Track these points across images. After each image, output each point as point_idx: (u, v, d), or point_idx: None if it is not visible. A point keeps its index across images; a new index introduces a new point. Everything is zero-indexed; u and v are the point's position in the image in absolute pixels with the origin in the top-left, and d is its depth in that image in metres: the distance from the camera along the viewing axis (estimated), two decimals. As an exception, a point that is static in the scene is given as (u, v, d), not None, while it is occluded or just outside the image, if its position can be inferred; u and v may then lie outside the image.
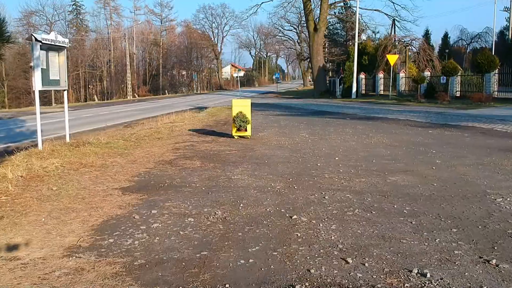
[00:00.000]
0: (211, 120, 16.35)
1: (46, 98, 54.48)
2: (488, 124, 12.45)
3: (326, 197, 4.55)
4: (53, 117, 23.32)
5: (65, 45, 9.07)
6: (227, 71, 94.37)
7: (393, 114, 17.18)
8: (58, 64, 9.15)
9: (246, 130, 10.12)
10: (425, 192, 4.77)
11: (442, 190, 4.83)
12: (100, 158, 7.22)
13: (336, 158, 6.94)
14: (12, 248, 3.19)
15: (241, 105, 10.18)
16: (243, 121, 9.91)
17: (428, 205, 4.26)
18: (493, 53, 28.05)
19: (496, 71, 22.95)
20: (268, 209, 4.17)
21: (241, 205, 4.33)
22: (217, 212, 4.08)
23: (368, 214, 3.97)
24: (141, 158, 7.22)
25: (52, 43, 8.58)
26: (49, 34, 8.87)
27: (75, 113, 26.36)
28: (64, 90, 9.56)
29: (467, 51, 45.51)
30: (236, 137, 10.25)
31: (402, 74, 30.51)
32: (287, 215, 3.99)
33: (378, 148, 8.10)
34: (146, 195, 4.77)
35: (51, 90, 52.90)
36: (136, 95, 55.48)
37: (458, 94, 25.05)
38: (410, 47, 34.09)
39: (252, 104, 25.17)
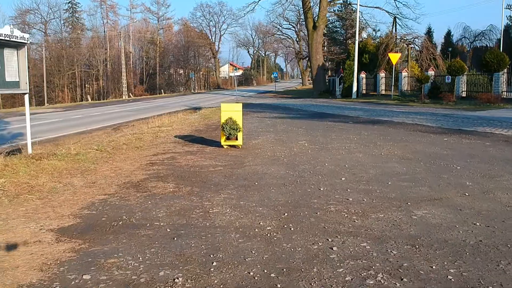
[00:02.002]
0: (202, 124, 15.07)
1: (41, 98, 53.27)
2: (507, 129, 11.20)
3: (334, 249, 3.28)
4: (41, 118, 22.26)
5: (25, 41, 7.77)
6: (225, 70, 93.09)
7: (399, 116, 15.93)
8: (17, 64, 7.86)
9: (236, 139, 8.84)
10: (469, 238, 3.50)
11: (491, 235, 3.56)
12: (55, 178, 5.94)
13: (343, 179, 5.66)
14: None
15: (231, 110, 8.90)
16: (233, 129, 8.64)
17: (480, 265, 2.98)
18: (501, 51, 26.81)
19: (505, 70, 21.74)
20: (251, 273, 2.89)
21: (214, 263, 3.05)
22: (177, 280, 2.80)
23: (398, 285, 2.69)
24: (104, 178, 5.93)
25: (7, 38, 7.28)
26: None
27: (64, 114, 25.23)
28: (25, 94, 8.26)
29: (468, 49, 44.27)
30: (225, 146, 8.98)
31: (404, 73, 29.29)
32: (279, 285, 2.71)
33: (390, 163, 6.83)
34: (87, 242, 3.49)
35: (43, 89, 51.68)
36: (131, 95, 54.26)
37: (464, 94, 23.86)
38: (413, 46, 32.88)
39: (249, 105, 23.72)
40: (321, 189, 5.10)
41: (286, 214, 4.15)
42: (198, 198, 4.78)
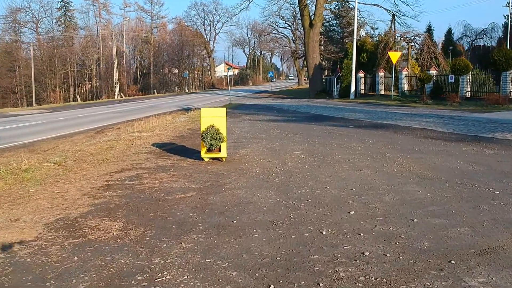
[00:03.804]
0: (188, 128, 13.66)
1: (32, 98, 51.66)
2: (531, 136, 9.85)
3: None
4: (23, 120, 21.15)
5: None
6: (221, 70, 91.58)
7: (403, 119, 14.57)
8: None
9: (219, 151, 7.41)
10: None
11: None
12: (-29, 210, 4.49)
13: (351, 212, 4.24)
14: None
15: (213, 116, 7.47)
16: (216, 139, 7.21)
17: None
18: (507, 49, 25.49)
19: (513, 69, 20.44)
20: None
21: None
22: None
23: None
24: (34, 211, 4.48)
25: None
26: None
27: (49, 116, 23.96)
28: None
29: (466, 49, 42.96)
30: (206, 159, 7.55)
31: (405, 73, 27.95)
32: None
33: (409, 185, 5.42)
34: None
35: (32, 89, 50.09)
36: (123, 95, 52.75)
37: (468, 94, 22.57)
38: (413, 44, 31.56)
39: (242, 106, 22.07)
40: (324, 232, 3.66)
41: (272, 286, 2.72)
42: (148, 250, 3.34)
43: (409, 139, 9.79)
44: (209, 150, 7.34)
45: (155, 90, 60.39)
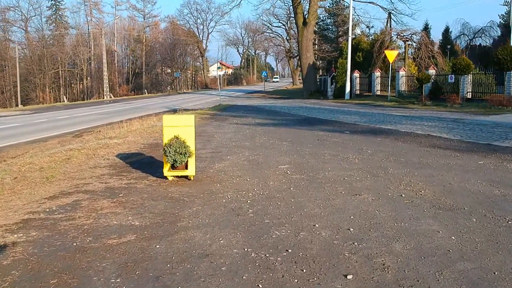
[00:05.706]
0: (165, 134, 12.29)
1: (21, 98, 50.03)
2: (553, 145, 8.60)
3: None
4: (1, 122, 19.97)
5: None
6: (214, 69, 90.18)
7: (403, 123, 13.33)
8: None
9: (186, 168, 6.05)
10: None
11: None
12: None
13: (349, 277, 2.89)
14: None
15: (178, 125, 6.09)
16: (181, 153, 5.84)
17: None
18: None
19: (518, 69, 19.25)
20: None
21: None
22: None
23: None
24: None
25: None
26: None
27: (30, 118, 22.81)
28: None
29: (462, 48, 41.85)
30: (170, 178, 6.19)
31: (402, 73, 26.77)
32: None
33: (423, 220, 4.10)
34: None
35: (17, 89, 48.42)
36: (112, 95, 51.25)
37: (469, 95, 21.46)
38: (410, 42, 30.37)
39: (231, 107, 20.53)
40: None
41: None
42: None
43: (413, 149, 8.49)
44: (173, 166, 5.98)
45: (146, 90, 58.91)
